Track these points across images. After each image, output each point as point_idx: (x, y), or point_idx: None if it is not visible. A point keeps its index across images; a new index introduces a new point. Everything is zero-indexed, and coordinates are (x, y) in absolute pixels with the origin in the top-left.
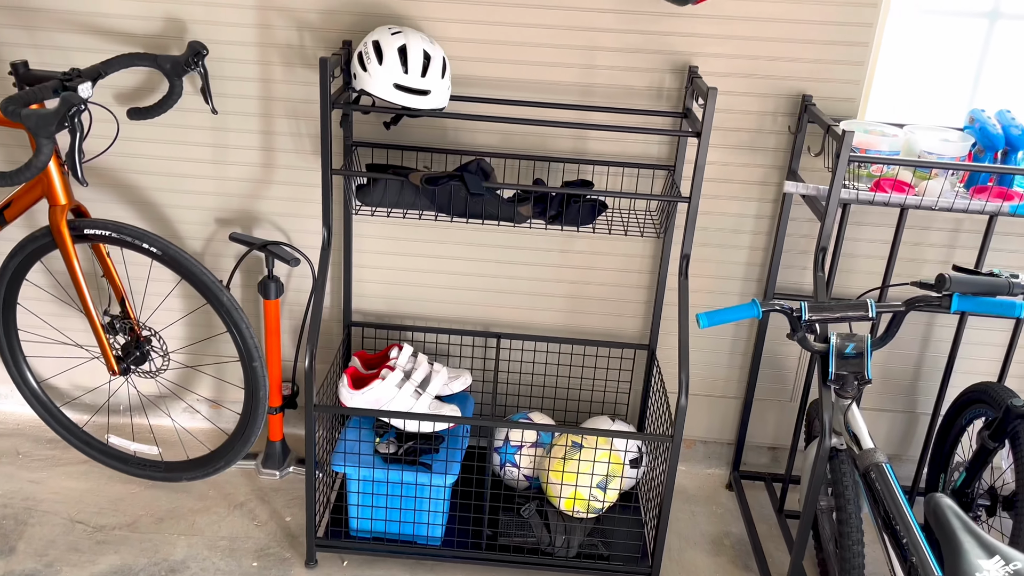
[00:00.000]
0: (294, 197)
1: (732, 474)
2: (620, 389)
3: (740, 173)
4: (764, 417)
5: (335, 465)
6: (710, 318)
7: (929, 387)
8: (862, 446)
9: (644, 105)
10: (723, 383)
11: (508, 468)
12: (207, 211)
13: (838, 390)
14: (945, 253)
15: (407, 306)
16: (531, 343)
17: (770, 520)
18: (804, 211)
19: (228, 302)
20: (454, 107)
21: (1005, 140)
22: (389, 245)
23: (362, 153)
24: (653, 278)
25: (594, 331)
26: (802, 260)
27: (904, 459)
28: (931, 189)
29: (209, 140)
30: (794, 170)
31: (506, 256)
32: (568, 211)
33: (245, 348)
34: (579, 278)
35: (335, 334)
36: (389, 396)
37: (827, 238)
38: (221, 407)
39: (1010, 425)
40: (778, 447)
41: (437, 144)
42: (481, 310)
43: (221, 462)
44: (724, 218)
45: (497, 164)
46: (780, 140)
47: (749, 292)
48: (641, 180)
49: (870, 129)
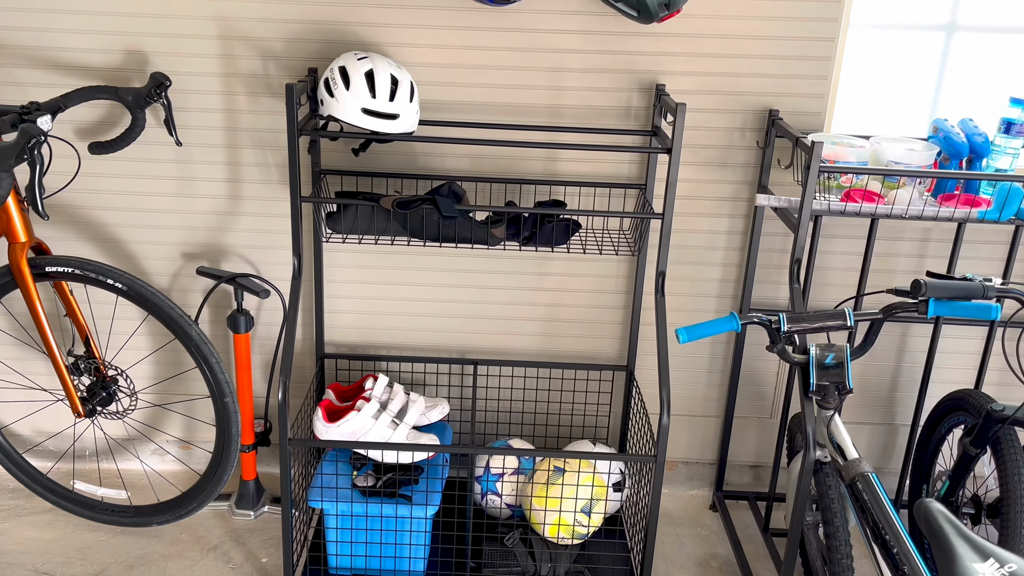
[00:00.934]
0: (262, 228)
1: (715, 494)
2: (600, 412)
3: (711, 189)
4: (745, 435)
5: (312, 501)
6: (689, 333)
7: (907, 398)
8: (847, 457)
9: (613, 124)
10: (702, 402)
11: (490, 497)
12: (173, 245)
13: (820, 401)
14: (916, 262)
15: (381, 335)
16: (508, 368)
17: (756, 540)
18: (776, 225)
19: (197, 336)
20: (423, 132)
21: (969, 148)
22: (361, 274)
23: (331, 181)
24: (628, 298)
25: (571, 354)
26: (776, 275)
27: (886, 471)
28: (900, 198)
29: (174, 173)
30: (764, 185)
31: (480, 281)
32: (542, 232)
33: (216, 384)
34: (554, 300)
35: (308, 367)
36: (365, 428)
37: (801, 250)
38: (192, 447)
39: (991, 430)
40: (760, 465)
41: (407, 170)
42: (457, 337)
43: (193, 504)
44: (697, 235)
45: (469, 188)
46: (749, 155)
47: (725, 308)
48: (613, 199)
49: (837, 141)
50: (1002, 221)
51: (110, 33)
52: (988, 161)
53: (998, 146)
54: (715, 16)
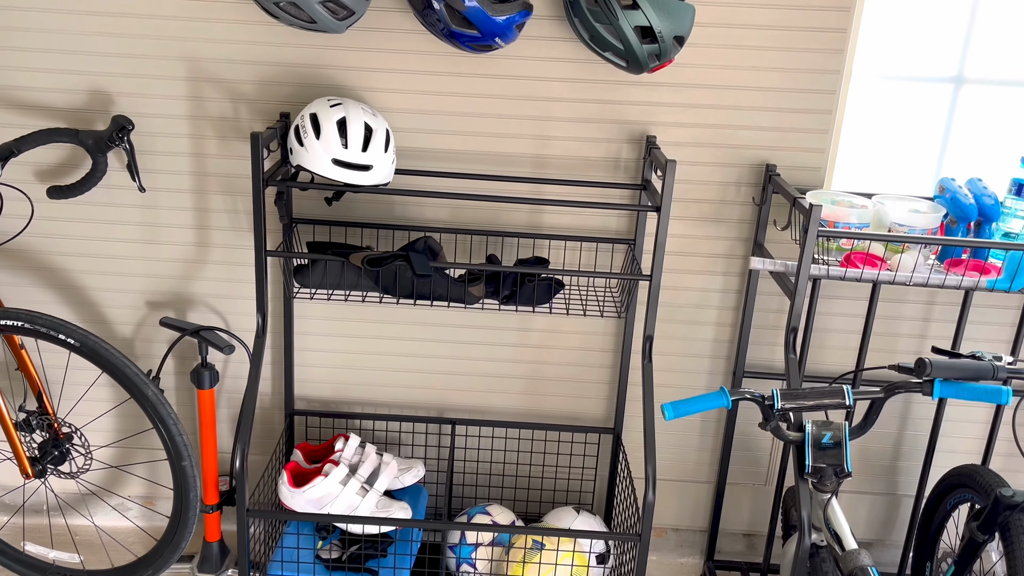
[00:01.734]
0: (231, 278)
1: (706, 564)
2: (585, 476)
3: (704, 246)
4: (738, 502)
5: (272, 573)
6: (676, 409)
7: (911, 467)
8: (845, 546)
9: (601, 177)
10: (694, 467)
11: (465, 570)
12: (137, 294)
13: (816, 483)
14: (921, 327)
15: (354, 391)
16: (488, 428)
17: None
18: (772, 284)
19: (154, 397)
20: (400, 181)
21: (978, 210)
22: (333, 327)
23: (303, 230)
24: (616, 357)
25: (555, 414)
26: (772, 336)
27: (887, 544)
28: (904, 263)
29: (138, 218)
30: (760, 243)
31: (459, 336)
32: (522, 291)
33: (173, 446)
34: (538, 358)
35: (276, 423)
36: (333, 494)
37: (797, 318)
38: (155, 505)
39: (1000, 516)
40: (754, 534)
41: (383, 220)
42: (434, 394)
43: (149, 570)
44: (689, 293)
45: (448, 240)
46: (744, 212)
47: (718, 371)
48: (600, 254)
49: (838, 200)
50: (1013, 291)
51: (72, 72)
52: (998, 224)
53: (1009, 208)
54: (709, 66)
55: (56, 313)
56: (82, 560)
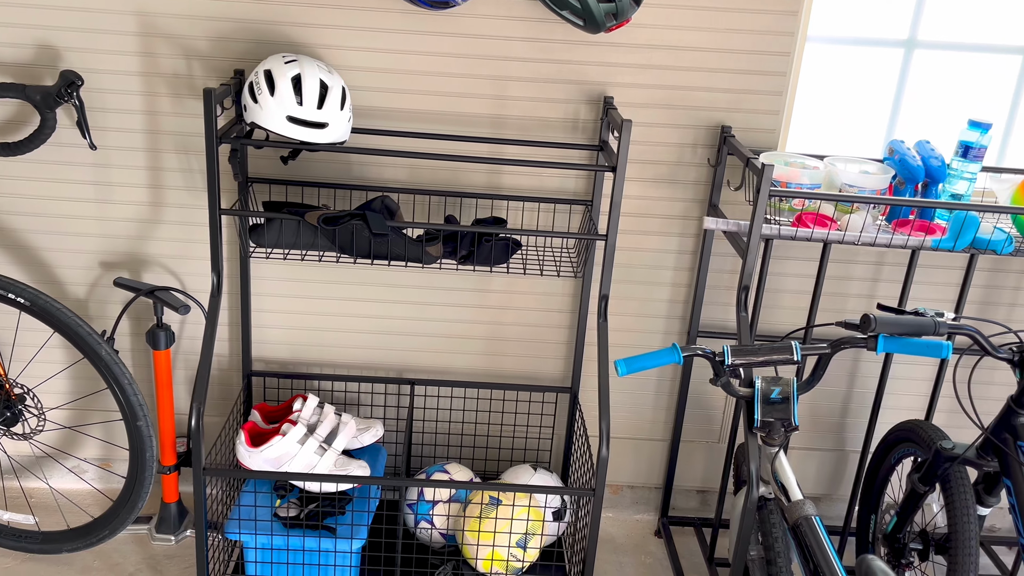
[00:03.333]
0: (186, 238)
1: (661, 520)
2: (543, 435)
3: (660, 207)
4: (692, 459)
5: (230, 533)
6: (629, 365)
7: (858, 424)
8: (791, 497)
9: (559, 138)
10: (649, 425)
11: (423, 526)
12: (90, 254)
13: (764, 437)
14: (869, 287)
15: (313, 352)
16: (447, 389)
17: (700, 569)
18: (727, 245)
19: (107, 356)
20: (357, 140)
21: (925, 172)
22: (291, 287)
23: (258, 190)
24: (574, 317)
25: (514, 374)
26: (726, 296)
27: (835, 498)
28: (853, 223)
29: (90, 177)
30: (715, 204)
31: (418, 297)
32: (480, 250)
33: (128, 406)
34: (497, 319)
35: (234, 384)
36: (291, 454)
37: (749, 276)
38: (111, 466)
39: (940, 469)
40: (707, 490)
41: (340, 179)
42: (393, 355)
43: (105, 531)
44: (645, 254)
45: (406, 200)
46: (700, 173)
47: (673, 330)
48: (558, 215)
49: (790, 162)
50: (957, 250)
51: (19, 26)
52: (944, 186)
53: (955, 170)
54: (666, 27)
55: (7, 273)
56: (37, 522)
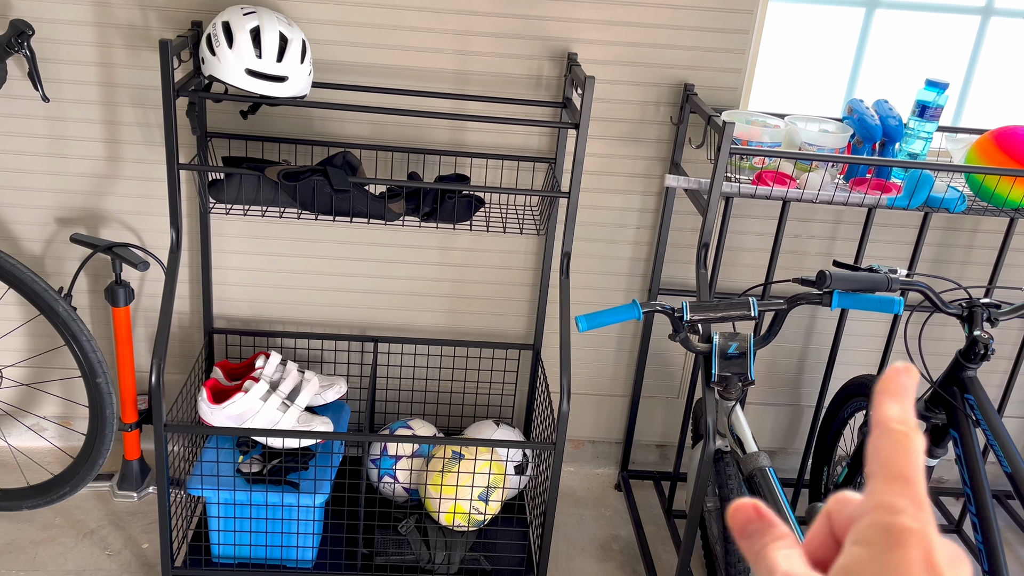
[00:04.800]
0: (144, 193)
1: (621, 474)
2: (505, 391)
3: (622, 165)
4: (652, 415)
5: (192, 488)
6: (589, 321)
7: (813, 380)
8: (746, 450)
9: (523, 94)
10: (610, 381)
11: (386, 481)
12: (46, 210)
13: (721, 392)
14: (827, 245)
15: (275, 310)
16: (411, 346)
17: (659, 521)
18: (688, 203)
19: (64, 312)
20: (318, 95)
21: (882, 131)
22: (253, 244)
23: (218, 145)
24: (537, 275)
25: (477, 332)
26: (687, 254)
27: (790, 452)
28: (812, 181)
29: (44, 131)
30: (677, 162)
31: (381, 254)
32: (443, 208)
33: (87, 363)
34: (460, 276)
35: (196, 342)
36: (253, 410)
37: (709, 234)
38: (72, 424)
39: None
40: (666, 444)
41: (301, 135)
42: (356, 312)
43: (65, 488)
44: (607, 212)
45: (368, 157)
46: (663, 131)
47: (635, 288)
48: (522, 173)
49: (752, 120)
50: (911, 208)
51: None
52: (901, 145)
53: (912, 130)
54: None
55: None
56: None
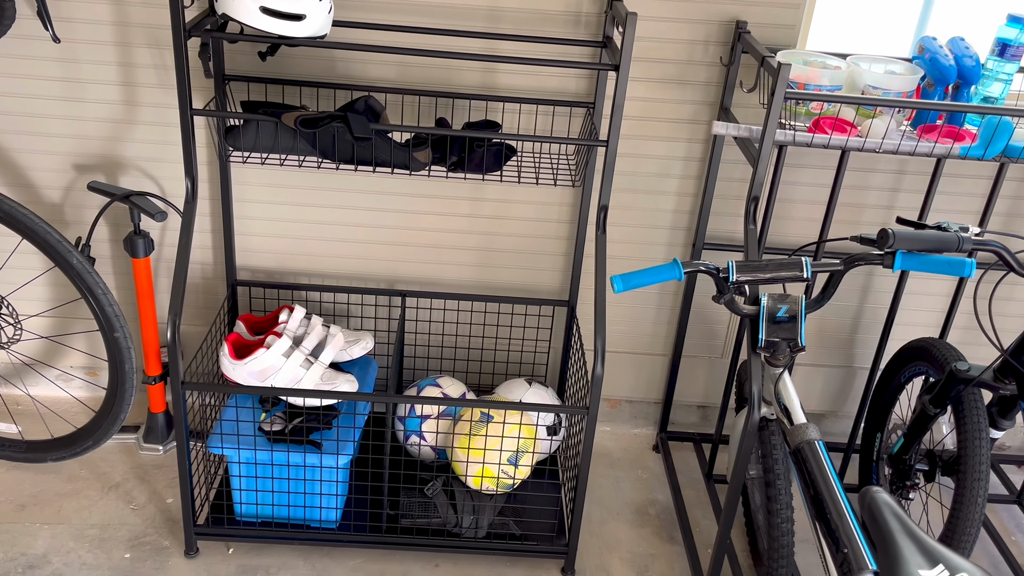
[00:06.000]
0: (163, 139)
1: (659, 435)
2: (538, 348)
3: (667, 110)
4: (693, 374)
5: (212, 446)
6: (625, 281)
7: (867, 340)
8: (793, 420)
9: (559, 33)
10: (650, 340)
11: (413, 441)
12: (63, 156)
13: (768, 358)
14: (888, 197)
15: (300, 261)
16: (440, 301)
17: (698, 485)
18: (737, 152)
19: (79, 265)
20: (339, 35)
21: (957, 72)
22: (275, 194)
23: (236, 88)
24: (572, 228)
25: (509, 286)
26: (734, 207)
27: (839, 415)
28: (875, 129)
29: (58, 73)
30: (726, 107)
31: (409, 205)
32: (471, 157)
33: (104, 317)
34: (491, 229)
35: (220, 293)
36: (276, 367)
37: (759, 186)
38: (96, 380)
39: (953, 391)
40: (708, 406)
41: (323, 77)
42: (383, 265)
43: (88, 441)
44: (649, 161)
45: (393, 101)
46: (711, 73)
47: (677, 242)
48: (558, 119)
49: (810, 61)
50: (987, 159)
51: None
52: (977, 88)
53: (990, 70)
54: None
55: None
56: (20, 431)
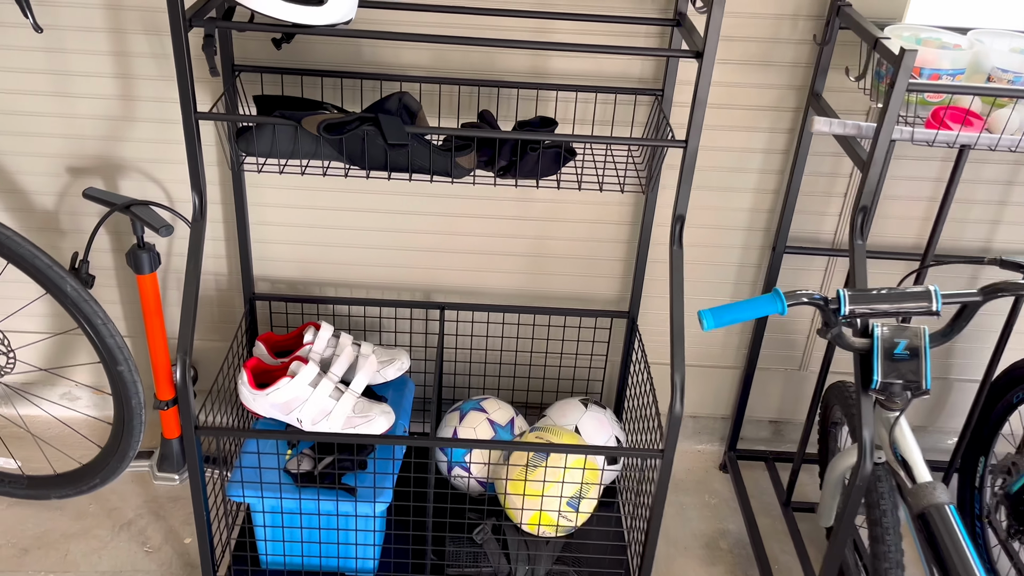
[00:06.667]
0: (167, 138)
1: (727, 453)
2: (593, 364)
3: (747, 96)
4: (766, 388)
5: (232, 493)
6: (717, 317)
7: (973, 351)
8: (916, 478)
9: (623, 9)
10: (720, 350)
11: (458, 473)
12: (55, 158)
13: (883, 400)
14: (1001, 191)
15: (325, 271)
16: (483, 313)
17: (773, 512)
18: (825, 143)
19: (74, 293)
20: (366, 17)
21: None
22: (297, 196)
23: (248, 80)
24: (634, 230)
25: (560, 296)
26: (821, 204)
27: (931, 430)
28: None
29: (44, 65)
30: (817, 92)
31: (450, 207)
32: (524, 161)
33: (105, 350)
34: (542, 232)
35: (238, 306)
36: (301, 398)
37: (870, 195)
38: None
39: None
40: (782, 421)
41: (349, 65)
42: (419, 274)
43: (95, 480)
44: (724, 154)
45: (430, 92)
46: (801, 52)
47: (753, 244)
48: (620, 107)
49: (923, 39)
50: None
51: None
52: None
53: None
54: None
55: None
56: (20, 466)
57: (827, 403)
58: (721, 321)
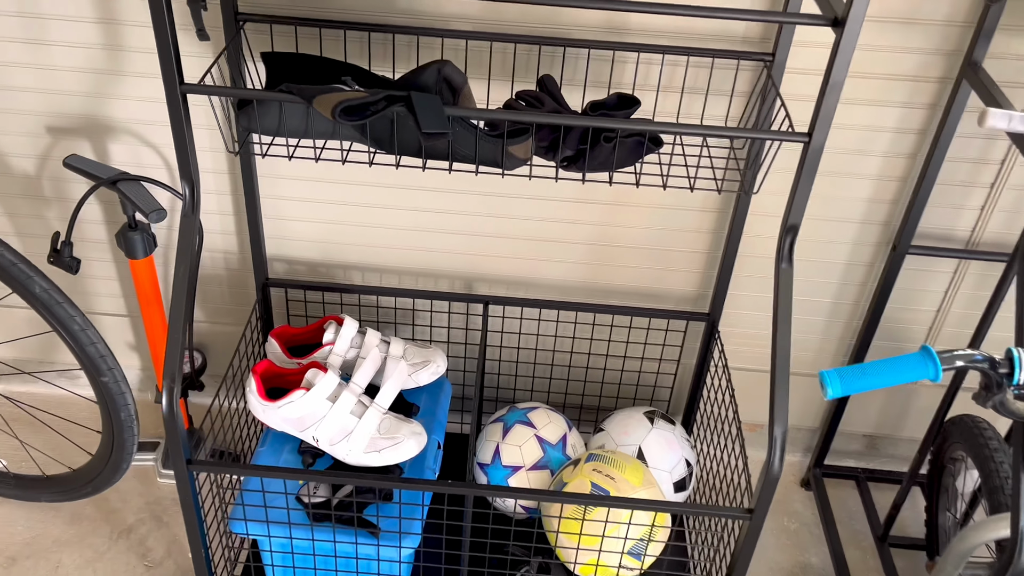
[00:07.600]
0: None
1: (813, 470)
2: (662, 369)
3: (878, 63)
4: (864, 401)
5: (234, 526)
6: (845, 383)
7: None
8: None
9: None
10: (814, 356)
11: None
12: (32, 116)
13: None
14: None
15: (351, 253)
16: (533, 309)
17: (864, 542)
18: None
19: (44, 294)
20: None
21: None
22: (319, 168)
23: (254, 32)
24: (717, 219)
25: (626, 291)
26: (957, 196)
27: None
28: None
29: (13, 6)
30: (975, 61)
31: (498, 187)
32: (595, 152)
33: (86, 357)
34: (603, 218)
35: (248, 286)
36: (317, 415)
37: None
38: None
39: None
40: (879, 436)
41: (377, 15)
42: (460, 261)
43: (87, 488)
44: (843, 133)
45: (478, 50)
46: (957, 8)
47: (868, 240)
48: (717, 71)
49: None
50: None
51: None
52: None
53: None
54: None
55: None
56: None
57: (947, 436)
58: (850, 388)
